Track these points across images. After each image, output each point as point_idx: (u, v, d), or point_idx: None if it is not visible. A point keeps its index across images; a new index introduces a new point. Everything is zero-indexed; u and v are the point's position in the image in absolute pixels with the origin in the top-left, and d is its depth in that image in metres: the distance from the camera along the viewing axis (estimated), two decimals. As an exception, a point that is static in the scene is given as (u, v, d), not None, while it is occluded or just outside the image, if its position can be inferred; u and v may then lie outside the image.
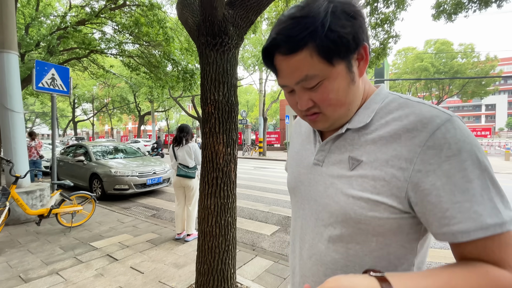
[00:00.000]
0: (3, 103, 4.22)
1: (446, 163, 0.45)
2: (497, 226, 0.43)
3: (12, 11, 4.40)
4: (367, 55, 0.52)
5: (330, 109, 0.54)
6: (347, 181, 0.54)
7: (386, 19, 5.42)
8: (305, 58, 0.49)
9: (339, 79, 0.51)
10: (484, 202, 0.44)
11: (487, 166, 0.46)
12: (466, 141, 0.46)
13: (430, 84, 33.22)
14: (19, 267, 2.86)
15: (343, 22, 0.48)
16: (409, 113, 0.51)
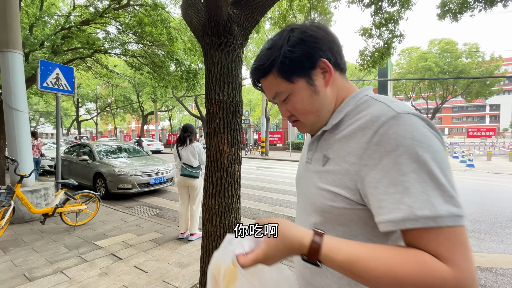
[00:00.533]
0: (8, 103, 4.25)
1: (385, 158, 0.50)
2: (429, 219, 0.45)
3: (16, 10, 4.42)
4: (329, 67, 0.61)
5: (302, 117, 0.66)
6: (319, 175, 0.63)
7: (391, 18, 5.38)
8: (272, 80, 0.63)
9: (301, 92, 0.62)
10: (416, 195, 0.46)
11: (427, 161, 0.47)
12: (407, 136, 0.48)
13: (434, 84, 32.97)
14: (23, 265, 2.88)
15: (296, 48, 0.60)
16: (367, 113, 0.57)
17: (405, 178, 0.47)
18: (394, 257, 0.46)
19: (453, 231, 0.45)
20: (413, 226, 0.46)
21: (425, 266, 0.44)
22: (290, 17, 6.52)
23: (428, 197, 0.45)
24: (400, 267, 0.44)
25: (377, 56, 5.70)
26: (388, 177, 0.49)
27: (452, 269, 0.43)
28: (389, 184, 0.48)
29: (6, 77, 4.24)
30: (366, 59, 6.06)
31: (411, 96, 36.52)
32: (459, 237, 0.45)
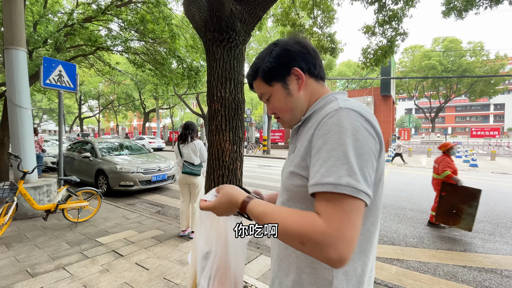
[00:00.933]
0: (12, 99, 4.26)
1: (320, 139, 0.63)
2: (331, 185, 0.56)
3: (21, 8, 4.43)
4: (301, 74, 0.76)
5: (280, 114, 0.82)
6: (290, 162, 0.76)
7: (394, 16, 5.33)
8: (258, 84, 0.82)
9: (278, 94, 0.79)
10: (329, 167, 0.58)
11: (346, 144, 0.58)
12: (339, 124, 0.61)
13: (437, 82, 32.73)
14: (26, 261, 2.89)
15: (274, 59, 0.77)
16: (324, 110, 0.70)
17: (327, 154, 0.59)
18: (291, 214, 0.60)
19: (345, 200, 0.55)
20: (320, 190, 0.57)
21: (307, 220, 0.57)
22: (293, 15, 6.48)
23: (336, 169, 0.57)
24: (290, 219, 0.59)
25: (380, 54, 5.65)
26: (318, 154, 0.62)
27: (325, 224, 0.54)
28: (318, 158, 0.61)
29: (10, 74, 4.25)
30: (368, 57, 6.01)
31: (414, 95, 36.29)
32: (346, 206, 0.55)
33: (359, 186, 0.56)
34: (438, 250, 3.53)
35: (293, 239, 0.58)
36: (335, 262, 0.53)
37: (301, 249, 0.57)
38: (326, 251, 0.53)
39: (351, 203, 0.55)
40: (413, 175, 9.90)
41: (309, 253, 0.56)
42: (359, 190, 0.55)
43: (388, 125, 19.81)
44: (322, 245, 0.53)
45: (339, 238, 0.53)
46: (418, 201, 6.00)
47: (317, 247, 0.54)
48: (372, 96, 19.26)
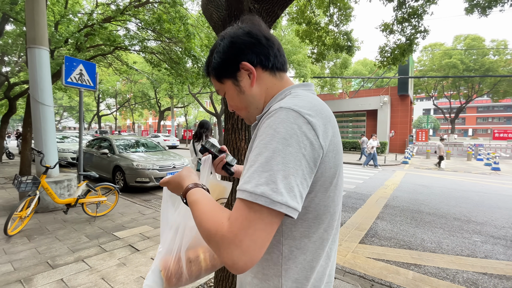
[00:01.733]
0: (35, 97, 4.45)
1: (256, 140, 0.60)
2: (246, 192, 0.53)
3: (43, 8, 4.60)
4: (251, 68, 0.69)
5: (237, 111, 0.78)
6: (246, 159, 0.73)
7: (414, 13, 5.16)
8: (212, 80, 0.78)
9: (230, 91, 0.74)
10: (251, 173, 0.55)
11: (273, 149, 0.54)
12: (272, 127, 0.57)
13: (458, 82, 31.49)
14: (47, 253, 3.02)
15: (221, 54, 0.71)
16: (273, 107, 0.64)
17: (254, 158, 0.56)
18: (211, 210, 0.60)
19: (256, 209, 0.52)
20: (239, 196, 0.54)
21: (216, 219, 0.56)
22: (308, 12, 6.40)
23: (256, 177, 0.54)
24: (206, 215, 0.58)
25: (398, 53, 5.49)
26: (250, 155, 0.59)
27: (226, 227, 0.53)
28: (246, 161, 0.61)
29: (34, 72, 4.43)
30: (386, 56, 5.86)
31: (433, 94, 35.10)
32: (253, 215, 0.52)
33: (275, 197, 0.51)
34: (457, 256, 3.40)
35: (202, 234, 0.57)
36: (229, 266, 0.51)
37: (208, 243, 0.57)
38: (221, 253, 0.52)
39: (260, 213, 0.52)
40: (431, 177, 9.58)
41: (213, 251, 0.58)
42: (275, 202, 0.51)
43: (405, 125, 19.25)
44: (219, 246, 0.53)
45: (234, 244, 0.51)
46: (436, 205, 5.80)
47: (216, 248, 0.54)
48: (388, 95, 18.76)
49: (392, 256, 3.32)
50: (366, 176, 9.64)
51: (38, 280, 2.45)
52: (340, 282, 2.62)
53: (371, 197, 6.40)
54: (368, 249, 3.53)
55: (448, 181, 8.86)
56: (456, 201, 6.19)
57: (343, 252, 3.41)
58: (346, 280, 2.65)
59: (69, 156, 10.15)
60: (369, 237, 3.95)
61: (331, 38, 6.60)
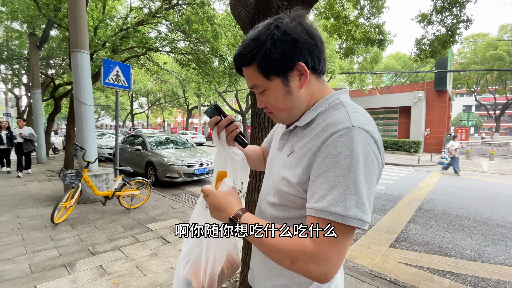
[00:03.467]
0: (78, 97, 4.82)
1: (328, 159, 0.59)
2: (339, 216, 0.56)
3: (84, 14, 4.95)
4: (305, 71, 0.66)
5: (275, 111, 0.73)
6: (283, 164, 0.73)
7: (456, 1, 4.77)
8: (251, 72, 0.68)
9: (275, 90, 0.68)
10: (337, 195, 0.56)
11: (357, 171, 0.56)
12: (350, 147, 0.57)
13: (504, 75, 28.67)
14: (88, 241, 3.28)
15: (277, 48, 0.63)
16: (330, 117, 0.65)
17: (336, 180, 0.57)
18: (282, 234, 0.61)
19: (339, 226, 0.56)
20: (326, 217, 0.57)
21: (297, 241, 0.58)
22: (337, 6, 6.20)
23: (345, 199, 0.56)
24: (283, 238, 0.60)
25: (438, 45, 5.11)
26: (325, 175, 0.59)
27: (312, 245, 0.56)
28: (324, 181, 0.58)
29: (76, 74, 4.80)
30: (423, 49, 5.49)
31: (475, 89, 32.34)
32: (341, 234, 0.56)
33: (366, 218, 0.56)
34: (500, 265, 3.13)
35: (284, 257, 0.59)
36: (321, 280, 0.57)
37: (289, 266, 0.59)
38: (310, 270, 0.57)
39: (348, 233, 0.57)
40: (471, 180, 8.86)
41: (296, 271, 0.59)
42: (365, 222, 0.56)
43: (442, 123, 17.93)
44: (308, 265, 0.56)
45: (325, 261, 0.56)
46: (477, 209, 5.36)
47: (304, 266, 0.57)
48: (424, 91, 17.58)
49: (426, 262, 3.14)
50: (397, 177, 9.18)
51: (80, 265, 2.68)
52: (368, 286, 2.53)
53: (403, 199, 6.08)
54: (399, 253, 3.37)
55: (491, 184, 8.13)
56: (500, 206, 5.67)
57: (372, 255, 3.29)
58: (375, 285, 2.56)
59: (106, 152, 10.88)
60: (401, 241, 3.77)
61: (361, 32, 6.34)
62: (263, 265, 0.81)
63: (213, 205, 0.72)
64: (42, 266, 2.66)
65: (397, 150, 17.16)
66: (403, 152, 16.81)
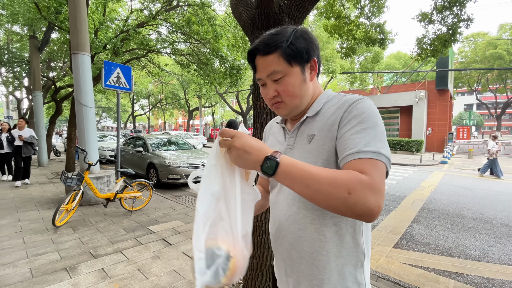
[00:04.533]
0: (79, 99, 4.82)
1: (353, 119, 0.70)
2: (373, 153, 0.64)
3: (84, 17, 4.95)
4: (316, 66, 0.80)
5: (288, 98, 0.78)
6: (308, 152, 0.77)
7: (456, 0, 4.75)
8: (274, 59, 0.76)
9: (295, 76, 0.77)
10: (368, 140, 0.65)
11: (377, 125, 0.68)
12: (370, 108, 0.70)
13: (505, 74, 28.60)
14: (89, 243, 3.26)
15: (300, 41, 0.76)
16: (340, 99, 0.77)
17: (365, 130, 0.67)
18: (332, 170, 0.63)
19: (379, 163, 0.63)
20: (363, 156, 0.63)
21: (351, 173, 0.61)
22: (338, 6, 6.19)
23: (376, 143, 0.65)
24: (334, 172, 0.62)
25: (439, 44, 5.09)
26: (354, 129, 0.68)
27: (367, 176, 0.60)
28: (353, 133, 0.68)
29: (77, 76, 4.80)
30: (424, 48, 5.47)
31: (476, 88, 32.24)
32: (381, 169, 0.63)
33: (391, 159, 0.67)
34: (505, 265, 3.09)
35: (339, 188, 0.59)
36: (374, 212, 0.58)
37: (344, 198, 0.58)
38: (367, 200, 0.58)
39: (383, 169, 0.64)
40: (474, 179, 8.81)
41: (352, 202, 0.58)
42: (390, 163, 0.66)
43: (444, 122, 17.87)
44: (365, 194, 0.58)
45: (379, 190, 0.60)
46: (480, 209, 5.32)
47: (363, 195, 0.58)
48: (425, 90, 17.51)
49: (430, 263, 3.11)
50: (400, 176, 9.14)
51: (82, 269, 2.66)
52: (373, 287, 2.51)
53: (406, 199, 6.05)
54: (403, 254, 3.34)
55: (494, 183, 8.08)
56: (503, 205, 5.63)
57: (376, 256, 3.26)
58: (380, 286, 2.53)
59: (107, 154, 10.89)
60: (404, 241, 3.74)
61: (362, 32, 6.32)
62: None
63: (242, 146, 0.64)
64: (43, 270, 2.64)
65: (399, 150, 17.11)
66: (405, 152, 16.75)
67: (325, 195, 0.60)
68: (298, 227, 0.78)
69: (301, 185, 0.62)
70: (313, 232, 0.76)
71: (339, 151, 0.70)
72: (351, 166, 0.64)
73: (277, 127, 0.96)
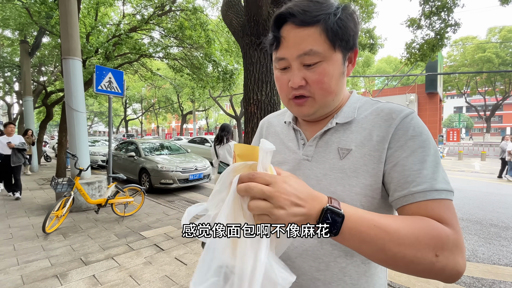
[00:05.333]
0: (69, 104, 4.77)
1: (410, 141, 0.56)
2: (448, 192, 0.52)
3: (76, 22, 4.93)
4: (355, 60, 0.62)
5: (320, 93, 0.59)
6: (338, 169, 0.60)
7: (443, 6, 4.90)
8: (314, 34, 0.55)
9: (336, 65, 0.57)
10: (438, 172, 0.53)
11: (437, 151, 0.56)
12: (425, 128, 0.58)
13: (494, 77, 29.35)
14: (80, 250, 3.21)
15: (349, 20, 0.57)
16: (383, 108, 0.61)
17: (429, 158, 0.54)
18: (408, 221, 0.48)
19: (452, 203, 0.52)
20: (438, 197, 0.51)
21: (435, 227, 0.48)
22: (329, 12, 6.31)
23: (444, 176, 0.54)
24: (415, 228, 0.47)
25: (427, 48, 5.22)
26: (414, 156, 0.54)
27: (452, 230, 0.48)
28: (416, 162, 0.54)
29: (68, 81, 4.76)
30: (413, 52, 5.60)
31: (465, 91, 32.97)
32: (453, 208, 0.52)
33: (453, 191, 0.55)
34: (494, 265, 3.16)
35: (425, 250, 0.45)
36: (461, 274, 0.47)
37: (431, 263, 0.45)
38: (459, 262, 0.47)
39: (453, 205, 0.53)
40: (464, 180, 8.98)
41: (439, 267, 0.46)
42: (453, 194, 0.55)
43: (434, 125, 18.24)
44: (456, 254, 0.47)
45: (464, 245, 0.49)
46: (470, 210, 5.43)
47: (452, 257, 0.46)
48: (415, 93, 17.89)
49: (421, 263, 3.15)
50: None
51: (73, 276, 2.62)
52: (364, 288, 2.53)
53: (397, 201, 6.12)
54: (394, 255, 3.38)
55: (484, 184, 8.25)
56: (492, 205, 5.75)
57: (368, 257, 3.29)
58: (371, 287, 2.56)
59: (99, 159, 10.75)
60: (396, 242, 3.78)
61: (353, 37, 6.45)
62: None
63: (287, 195, 0.42)
64: (34, 277, 2.59)
65: (391, 152, 17.33)
66: (397, 154, 16.98)
67: (407, 260, 0.45)
68: (317, 267, 0.61)
69: (374, 247, 0.45)
70: (337, 273, 0.60)
71: (396, 181, 0.55)
72: (423, 208, 0.51)
73: (283, 127, 0.75)
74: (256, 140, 0.84)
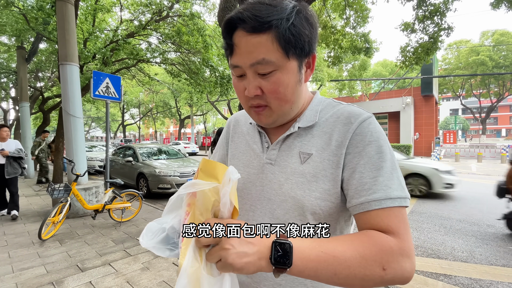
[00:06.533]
0: (67, 110, 4.76)
1: (368, 146, 0.56)
2: (401, 200, 0.53)
3: (73, 27, 4.95)
4: (313, 64, 0.60)
5: (276, 102, 0.57)
6: (298, 173, 0.60)
7: (436, 10, 4.99)
8: (266, 41, 0.52)
9: (290, 74, 0.55)
10: (393, 179, 0.54)
11: (394, 155, 0.57)
12: (382, 133, 0.58)
13: (488, 79, 29.72)
14: (77, 256, 3.18)
15: (304, 25, 0.54)
16: (343, 111, 0.61)
17: (386, 164, 0.55)
18: (350, 242, 0.49)
19: (403, 210, 0.53)
20: (391, 205, 0.52)
21: (377, 241, 0.49)
22: (324, 16, 6.39)
23: (400, 182, 0.54)
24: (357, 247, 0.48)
25: (421, 52, 5.30)
26: (371, 163, 0.55)
27: (397, 239, 0.50)
28: (372, 168, 0.54)
29: (65, 87, 4.76)
30: (408, 56, 5.68)
31: (461, 94, 33.32)
32: (403, 215, 0.53)
33: (409, 196, 0.55)
34: (491, 266, 3.17)
35: (372, 266, 0.47)
36: (410, 278, 0.50)
37: (381, 277, 0.47)
38: (406, 269, 0.49)
39: (405, 212, 0.54)
40: (462, 182, 9.02)
41: (389, 279, 0.47)
42: (408, 199, 0.55)
43: (430, 127, 18.36)
44: (402, 263, 0.48)
45: (411, 251, 0.50)
46: (467, 211, 5.45)
47: (398, 267, 0.48)
48: (411, 96, 18.03)
49: (419, 266, 3.15)
50: (389, 181, 9.27)
51: (69, 283, 2.59)
52: (363, 291, 2.53)
53: (395, 203, 6.14)
54: (393, 257, 3.38)
55: (481, 186, 8.30)
56: (489, 206, 5.78)
57: (366, 260, 3.29)
58: (370, 289, 2.56)
59: (96, 164, 10.69)
60: (394, 244, 3.79)
61: (348, 41, 6.52)
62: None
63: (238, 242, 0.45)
64: (29, 284, 2.56)
65: (388, 155, 17.39)
66: (394, 157, 17.03)
67: (358, 279, 0.47)
68: None
69: (328, 273, 0.46)
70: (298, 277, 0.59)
71: (353, 188, 0.55)
72: (374, 218, 0.52)
73: (249, 127, 0.74)
74: (223, 138, 0.83)
